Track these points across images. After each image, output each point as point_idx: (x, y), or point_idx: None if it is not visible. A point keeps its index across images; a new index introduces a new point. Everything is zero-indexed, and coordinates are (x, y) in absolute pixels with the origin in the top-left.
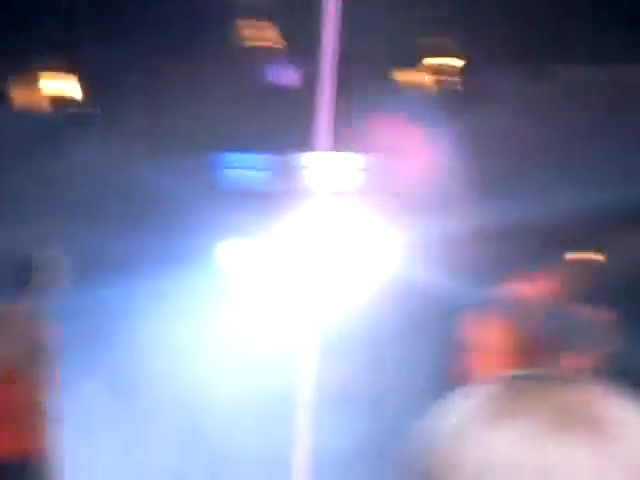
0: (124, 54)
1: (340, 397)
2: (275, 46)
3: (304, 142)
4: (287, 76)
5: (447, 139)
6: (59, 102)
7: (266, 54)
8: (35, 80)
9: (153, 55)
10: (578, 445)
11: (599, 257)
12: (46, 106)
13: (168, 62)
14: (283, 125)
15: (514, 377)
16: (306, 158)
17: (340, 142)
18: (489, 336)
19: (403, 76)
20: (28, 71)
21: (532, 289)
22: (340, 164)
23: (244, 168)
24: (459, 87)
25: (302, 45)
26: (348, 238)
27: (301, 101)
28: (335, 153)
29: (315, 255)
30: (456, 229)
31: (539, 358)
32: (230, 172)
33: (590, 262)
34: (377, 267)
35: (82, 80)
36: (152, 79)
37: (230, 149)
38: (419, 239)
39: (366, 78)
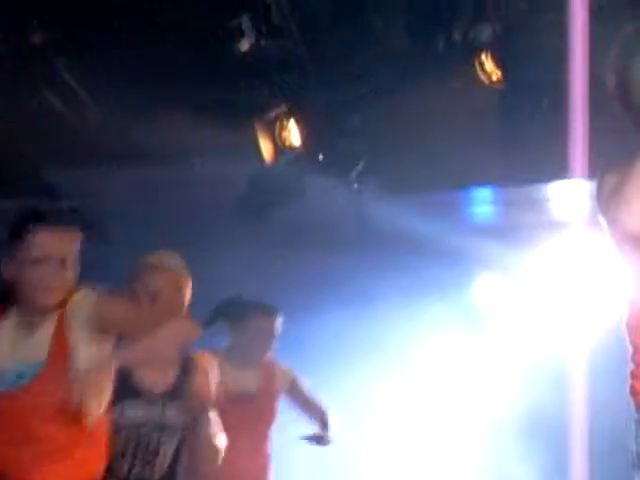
0: (345, 96)
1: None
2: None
3: (554, 172)
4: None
5: None
6: (282, 151)
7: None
8: (264, 132)
9: (376, 94)
10: None
11: None
12: (270, 156)
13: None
14: (530, 155)
15: None
16: (555, 188)
17: (592, 169)
18: None
19: None
20: (259, 124)
21: None
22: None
23: (492, 203)
24: None
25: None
26: (598, 269)
27: (548, 128)
28: (587, 181)
29: (569, 288)
30: None
31: None
32: (479, 207)
33: None
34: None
35: (304, 127)
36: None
37: (477, 184)
38: None
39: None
